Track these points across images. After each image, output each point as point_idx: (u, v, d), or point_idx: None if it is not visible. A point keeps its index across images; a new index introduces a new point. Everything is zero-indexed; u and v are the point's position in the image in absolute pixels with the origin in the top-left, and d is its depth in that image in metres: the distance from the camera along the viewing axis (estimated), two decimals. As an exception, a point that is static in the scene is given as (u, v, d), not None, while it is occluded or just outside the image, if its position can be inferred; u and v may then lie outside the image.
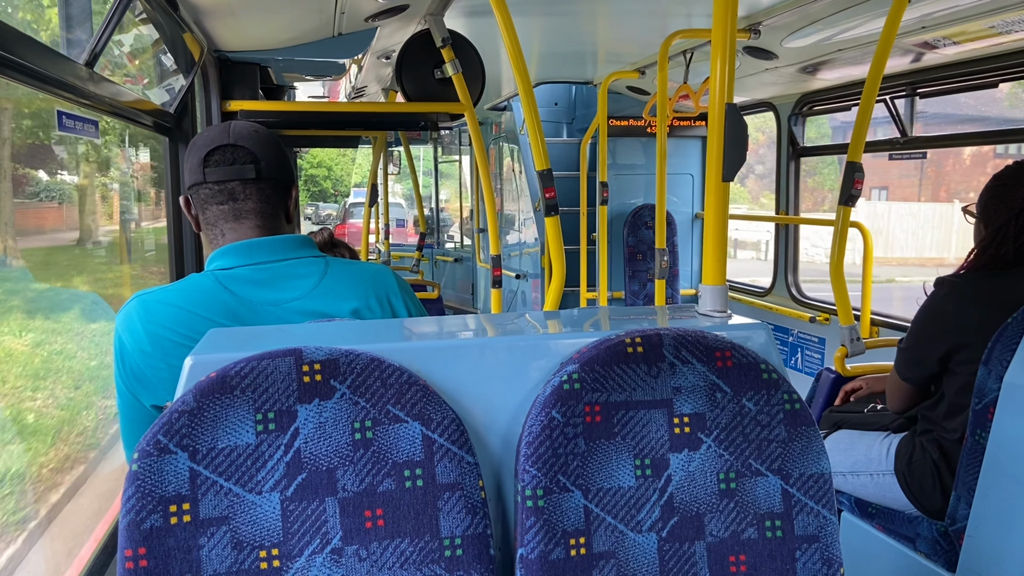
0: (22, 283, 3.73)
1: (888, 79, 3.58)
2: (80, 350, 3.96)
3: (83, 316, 4.19)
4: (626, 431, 1.12)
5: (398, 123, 3.80)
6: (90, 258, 5.03)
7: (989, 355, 1.93)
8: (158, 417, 1.02)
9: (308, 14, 2.73)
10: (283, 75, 3.87)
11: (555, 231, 2.32)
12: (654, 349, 1.15)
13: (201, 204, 1.46)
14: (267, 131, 1.50)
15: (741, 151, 1.35)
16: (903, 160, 3.76)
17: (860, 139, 2.55)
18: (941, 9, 2.64)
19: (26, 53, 1.30)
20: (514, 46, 2.18)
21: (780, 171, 4.74)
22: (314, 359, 1.04)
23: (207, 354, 1.09)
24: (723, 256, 1.40)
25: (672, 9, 3.31)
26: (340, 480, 1.03)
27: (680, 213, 5.79)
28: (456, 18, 3.17)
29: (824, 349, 4.41)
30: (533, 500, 1.08)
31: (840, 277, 2.75)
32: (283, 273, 1.42)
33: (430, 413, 1.06)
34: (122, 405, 1.39)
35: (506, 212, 7.53)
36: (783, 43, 3.39)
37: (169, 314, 1.34)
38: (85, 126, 1.55)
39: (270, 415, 1.02)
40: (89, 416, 3.74)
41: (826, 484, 1.16)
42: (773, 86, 4.34)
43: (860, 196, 2.59)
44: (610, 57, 4.64)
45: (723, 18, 1.36)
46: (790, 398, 1.17)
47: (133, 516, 0.96)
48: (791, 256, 4.80)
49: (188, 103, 2.65)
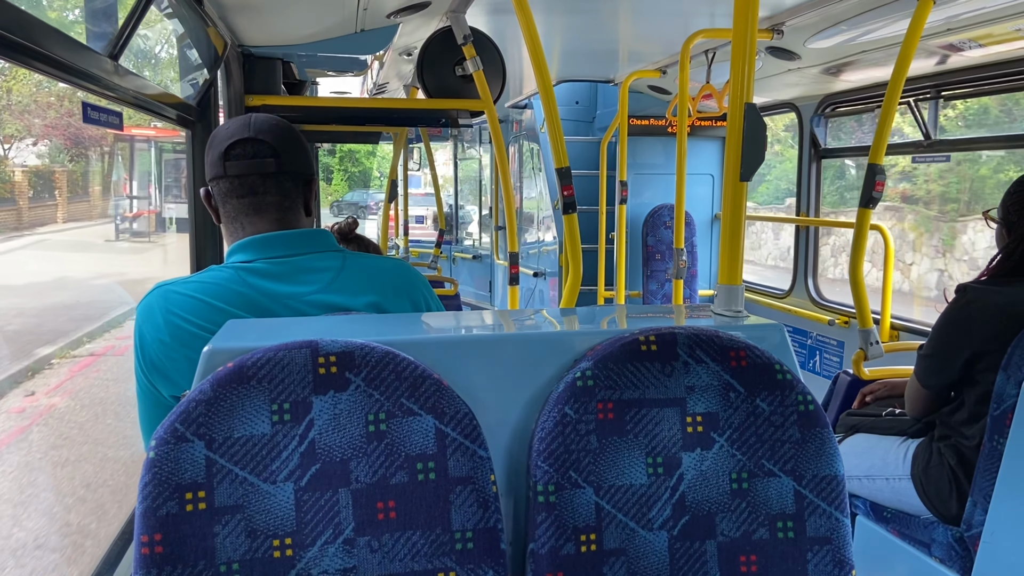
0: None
1: (912, 81, 3.55)
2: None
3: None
4: (639, 429, 1.13)
5: (419, 119, 3.82)
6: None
7: (1008, 361, 1.91)
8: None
9: (331, 10, 2.75)
10: (305, 70, 3.90)
11: (573, 229, 2.33)
12: (668, 347, 1.15)
13: (222, 197, 1.47)
14: (287, 124, 1.51)
15: (760, 151, 1.35)
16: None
17: (882, 141, 2.53)
18: (967, 11, 2.61)
19: (53, 45, 1.32)
20: (535, 44, 2.18)
21: (801, 172, 4.71)
22: (330, 351, 1.05)
23: (225, 344, 1.10)
24: (739, 255, 1.40)
25: (695, 9, 3.30)
26: (353, 471, 1.04)
27: (699, 213, 5.77)
28: (478, 15, 3.18)
29: (843, 352, 4.38)
30: (545, 496, 1.08)
31: (859, 280, 2.73)
32: (301, 267, 1.43)
33: (443, 407, 1.07)
34: (141, 394, 1.41)
35: (525, 210, 7.53)
36: (806, 44, 3.36)
37: (189, 305, 1.36)
38: (110, 117, 1.58)
39: (285, 406, 1.03)
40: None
41: (839, 486, 1.16)
42: (796, 87, 4.31)
43: (881, 199, 2.57)
44: (632, 56, 4.63)
45: (744, 18, 1.35)
46: (804, 399, 1.16)
47: (150, 503, 0.98)
48: (811, 258, 4.76)
49: (211, 97, 2.67)
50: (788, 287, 4.94)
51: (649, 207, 5.71)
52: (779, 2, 3.01)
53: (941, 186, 12.43)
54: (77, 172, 13.72)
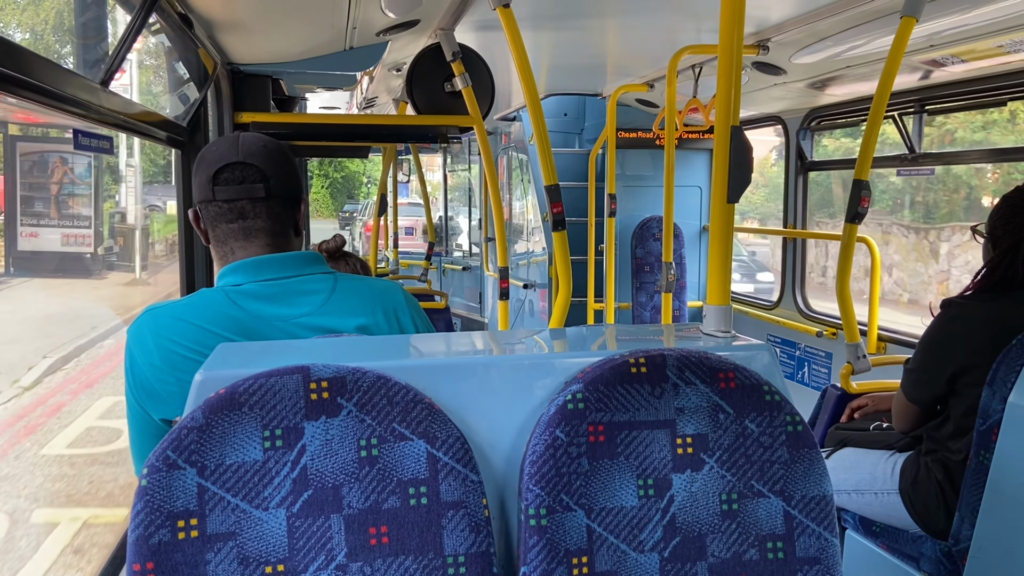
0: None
1: (896, 95, 3.59)
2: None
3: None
4: (629, 451, 1.13)
5: (408, 135, 3.83)
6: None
7: (993, 376, 1.93)
8: (167, 432, 1.03)
9: (320, 29, 2.76)
10: (295, 86, 3.90)
11: (562, 246, 2.34)
12: (658, 369, 1.16)
13: (211, 221, 1.47)
14: (276, 144, 1.50)
15: (746, 173, 1.37)
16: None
17: (867, 156, 2.55)
18: (950, 28, 2.65)
19: (44, 75, 1.32)
20: (523, 62, 2.19)
21: (788, 185, 4.74)
22: (321, 376, 1.06)
23: (216, 370, 1.11)
24: (727, 276, 1.41)
25: (682, 25, 3.33)
26: (346, 497, 1.04)
27: (687, 225, 5.80)
28: (467, 32, 3.20)
29: (831, 364, 4.41)
30: (536, 519, 1.09)
31: (846, 294, 2.75)
32: (293, 289, 1.43)
33: (435, 431, 1.07)
34: (132, 419, 1.41)
35: (515, 222, 7.55)
36: (792, 59, 3.40)
37: (179, 328, 1.36)
38: (100, 143, 1.58)
39: (277, 432, 1.03)
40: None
41: (828, 506, 1.17)
42: (782, 100, 4.35)
43: (867, 214, 2.60)
44: (620, 70, 4.66)
45: (730, 39, 1.37)
46: (792, 420, 1.18)
47: (142, 531, 0.98)
48: (799, 270, 4.80)
49: (201, 116, 2.68)
50: (776, 298, 4.97)
51: (638, 219, 5.73)
52: (765, 18, 3.05)
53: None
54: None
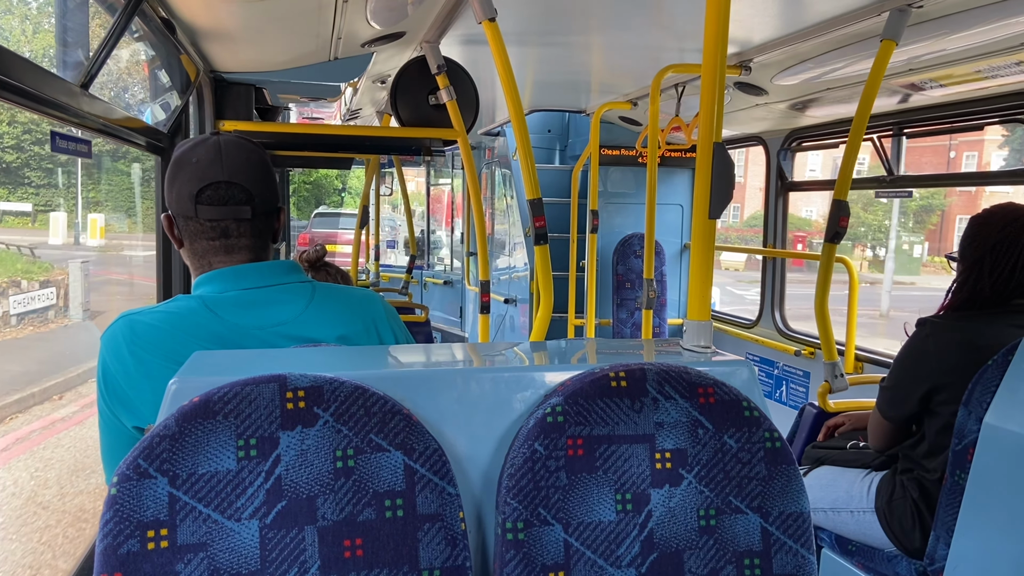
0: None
1: (875, 118, 3.63)
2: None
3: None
4: (608, 465, 1.13)
5: (391, 147, 3.82)
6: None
7: (969, 396, 1.95)
8: (139, 440, 1.01)
9: (305, 39, 2.75)
10: (278, 96, 3.89)
11: (544, 260, 2.33)
12: (638, 384, 1.15)
13: (190, 235, 1.44)
14: (258, 155, 1.47)
15: (728, 190, 1.37)
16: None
17: (847, 177, 2.57)
18: (929, 53, 2.69)
19: (23, 76, 1.30)
20: (508, 77, 2.20)
21: (768, 205, 4.78)
22: (298, 386, 1.04)
23: (191, 377, 1.09)
24: (708, 291, 1.41)
25: (665, 43, 3.35)
26: (320, 509, 1.02)
27: (669, 243, 5.83)
28: (452, 45, 3.21)
29: (809, 383, 4.43)
30: (513, 533, 1.08)
31: (825, 313, 2.77)
32: (270, 298, 1.42)
33: (413, 443, 1.06)
34: (103, 426, 1.39)
35: (497, 236, 7.55)
36: (773, 80, 3.43)
37: (154, 335, 1.34)
38: (79, 146, 1.56)
39: (252, 441, 1.02)
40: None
41: (805, 523, 1.17)
42: (763, 121, 4.39)
43: (845, 235, 2.62)
44: (603, 88, 4.69)
45: (713, 57, 1.38)
46: (771, 436, 1.17)
47: (110, 540, 0.96)
48: (779, 289, 4.83)
49: (182, 123, 2.66)
50: (756, 317, 5.00)
51: (620, 235, 5.75)
52: (748, 39, 3.08)
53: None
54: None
